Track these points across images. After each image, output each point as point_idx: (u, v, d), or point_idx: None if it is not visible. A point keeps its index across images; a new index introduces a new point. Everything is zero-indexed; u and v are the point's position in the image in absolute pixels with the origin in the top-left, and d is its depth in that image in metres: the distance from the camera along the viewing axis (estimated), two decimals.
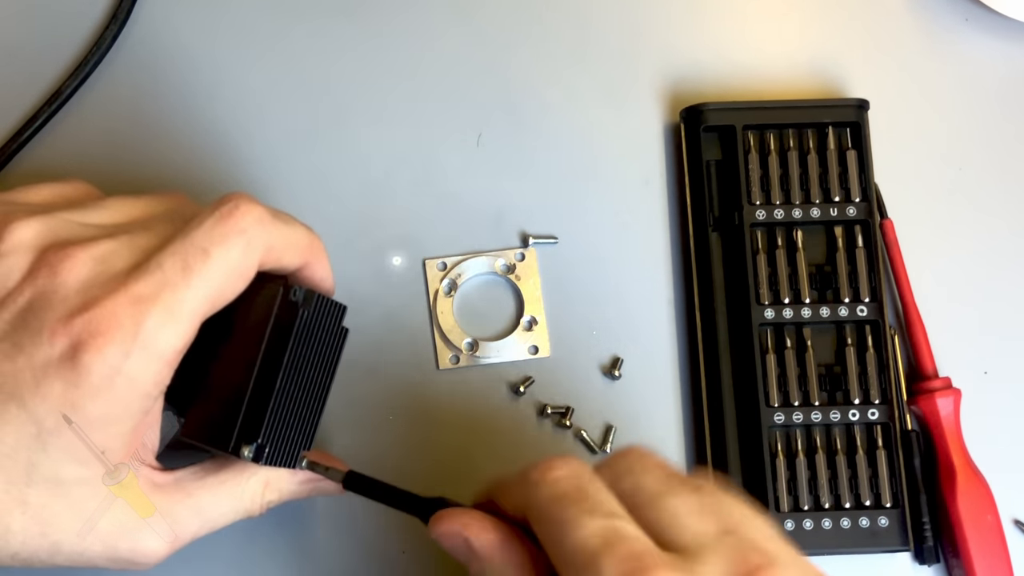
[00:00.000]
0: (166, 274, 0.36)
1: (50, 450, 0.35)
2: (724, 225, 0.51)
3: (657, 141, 0.53)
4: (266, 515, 0.41)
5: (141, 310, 0.35)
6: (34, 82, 0.51)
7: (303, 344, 0.39)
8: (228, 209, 0.37)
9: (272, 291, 0.38)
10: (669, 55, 0.54)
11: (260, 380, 0.38)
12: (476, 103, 0.53)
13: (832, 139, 0.51)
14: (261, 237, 0.38)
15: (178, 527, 0.39)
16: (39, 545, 0.36)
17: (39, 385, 0.35)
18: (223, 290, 0.37)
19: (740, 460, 0.48)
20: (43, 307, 0.36)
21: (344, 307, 0.41)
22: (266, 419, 0.38)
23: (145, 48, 0.52)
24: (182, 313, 0.36)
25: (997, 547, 0.47)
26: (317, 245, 0.40)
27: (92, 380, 0.35)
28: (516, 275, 0.50)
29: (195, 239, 0.37)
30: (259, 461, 0.38)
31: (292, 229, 0.39)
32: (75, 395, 0.35)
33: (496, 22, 0.54)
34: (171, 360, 0.36)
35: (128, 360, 0.35)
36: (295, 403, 0.40)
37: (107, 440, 0.36)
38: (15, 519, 0.36)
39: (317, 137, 0.52)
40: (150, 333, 0.35)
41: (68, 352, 0.35)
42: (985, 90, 0.55)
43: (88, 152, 0.51)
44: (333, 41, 0.53)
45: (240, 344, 0.38)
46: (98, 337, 0.35)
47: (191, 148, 0.51)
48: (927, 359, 0.50)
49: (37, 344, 0.35)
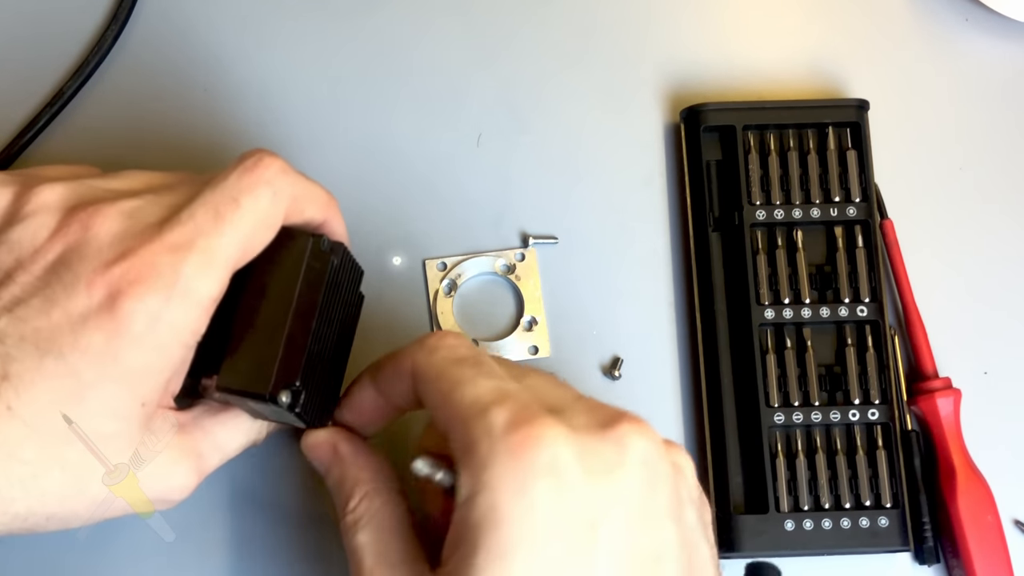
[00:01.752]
0: (198, 223, 0.36)
1: (89, 405, 0.35)
2: (724, 225, 0.51)
3: (657, 141, 0.53)
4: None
5: (179, 257, 0.36)
6: (35, 83, 0.51)
7: (334, 292, 0.40)
8: (253, 161, 0.38)
9: (303, 241, 0.39)
10: (669, 55, 0.54)
11: (295, 325, 0.38)
12: (476, 103, 0.53)
13: (832, 139, 0.51)
14: (286, 187, 0.38)
15: (202, 462, 0.40)
16: (78, 502, 0.36)
17: (78, 337, 0.35)
18: (254, 238, 0.38)
19: (740, 460, 0.48)
20: (76, 260, 0.36)
21: (362, 271, 0.43)
22: (303, 363, 0.38)
23: (146, 48, 0.52)
24: (217, 260, 0.36)
25: (997, 547, 0.47)
26: (335, 203, 0.42)
27: (133, 328, 0.35)
28: (516, 275, 0.50)
29: (224, 189, 0.37)
30: (294, 408, 0.38)
31: (313, 183, 0.40)
32: (117, 345, 0.35)
33: (496, 22, 0.54)
34: (208, 307, 0.37)
35: (168, 307, 0.35)
36: (326, 354, 0.40)
37: (146, 391, 0.36)
38: (53, 479, 0.35)
39: (317, 137, 0.52)
40: (189, 279, 0.36)
41: (107, 301, 0.35)
42: (985, 90, 0.55)
43: (90, 152, 0.51)
44: (333, 41, 0.53)
45: (272, 293, 0.39)
46: (138, 285, 0.35)
47: (192, 147, 0.51)
48: (927, 359, 0.50)
49: (73, 296, 0.35)
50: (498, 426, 0.34)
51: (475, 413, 0.34)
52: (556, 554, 0.33)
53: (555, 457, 0.33)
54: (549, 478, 0.33)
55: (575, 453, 0.34)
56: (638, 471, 0.35)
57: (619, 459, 0.34)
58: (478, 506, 0.33)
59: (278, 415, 0.40)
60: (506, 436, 0.34)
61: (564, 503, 0.33)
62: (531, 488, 0.33)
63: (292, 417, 0.39)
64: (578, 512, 0.33)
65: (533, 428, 0.34)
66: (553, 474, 0.33)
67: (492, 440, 0.34)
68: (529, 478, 0.33)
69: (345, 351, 0.42)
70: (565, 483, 0.33)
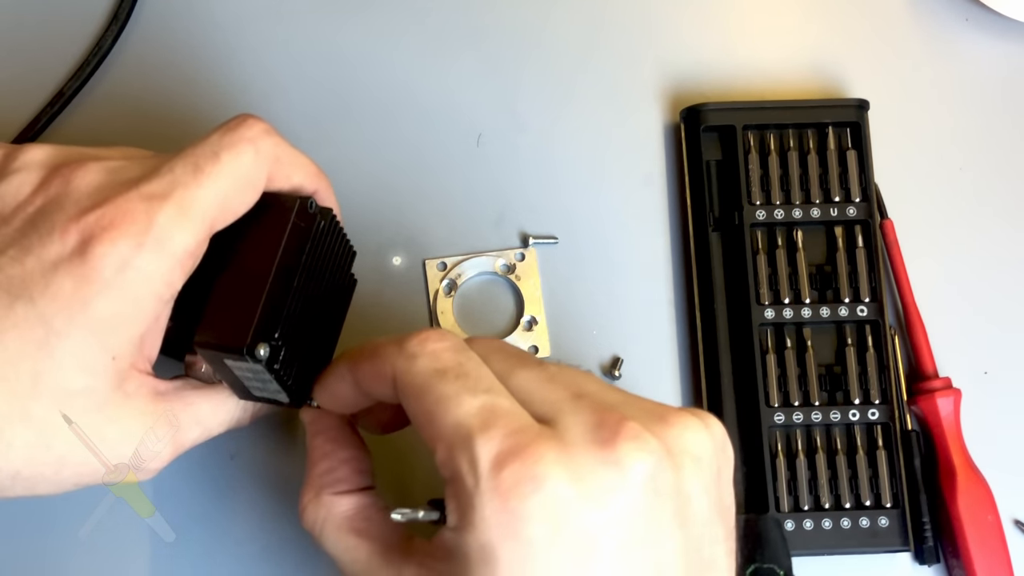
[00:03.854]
0: (176, 175, 0.36)
1: (57, 356, 0.35)
2: (724, 225, 0.51)
3: (657, 141, 0.53)
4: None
5: (153, 206, 0.35)
6: (36, 83, 0.51)
7: (320, 257, 0.39)
8: (236, 122, 0.38)
9: (290, 202, 0.38)
10: (669, 55, 0.54)
11: (276, 282, 0.37)
12: (476, 103, 0.53)
13: (832, 139, 0.51)
14: (269, 147, 0.38)
15: (180, 434, 0.39)
16: (44, 460, 0.35)
17: (48, 283, 0.34)
18: (233, 196, 0.37)
19: (740, 460, 0.48)
20: (54, 210, 0.36)
21: (355, 252, 0.42)
22: (283, 318, 0.37)
23: (146, 48, 0.52)
24: (194, 212, 0.36)
25: (997, 547, 0.47)
26: (324, 176, 0.41)
27: (103, 274, 0.34)
28: (516, 275, 0.50)
29: (206, 145, 0.37)
30: (273, 364, 0.37)
31: (299, 152, 0.40)
32: (86, 291, 0.34)
33: (496, 22, 0.54)
34: (183, 260, 0.36)
35: (140, 254, 0.35)
36: (310, 321, 0.39)
37: (117, 344, 0.36)
38: (17, 433, 0.35)
39: (317, 137, 0.52)
40: (163, 228, 0.35)
41: (78, 247, 0.34)
42: (985, 90, 0.55)
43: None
44: (334, 40, 0.53)
45: (255, 252, 0.38)
46: (110, 230, 0.35)
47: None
48: (927, 359, 0.50)
49: (47, 243, 0.35)
50: (484, 461, 0.32)
51: (459, 441, 0.32)
52: None
53: (548, 497, 0.31)
54: (543, 523, 0.31)
55: (569, 479, 0.32)
56: (638, 493, 0.32)
57: (618, 482, 0.32)
58: (467, 542, 0.32)
59: (260, 381, 0.39)
60: (494, 475, 0.31)
61: (559, 539, 0.31)
62: (523, 532, 0.31)
63: (274, 384, 0.38)
64: (574, 542, 0.32)
65: (523, 465, 0.31)
66: (547, 518, 0.31)
67: (478, 477, 0.32)
68: (522, 524, 0.31)
69: (334, 331, 0.41)
70: (560, 519, 0.31)
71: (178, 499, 0.46)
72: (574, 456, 0.32)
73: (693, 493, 0.34)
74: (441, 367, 0.35)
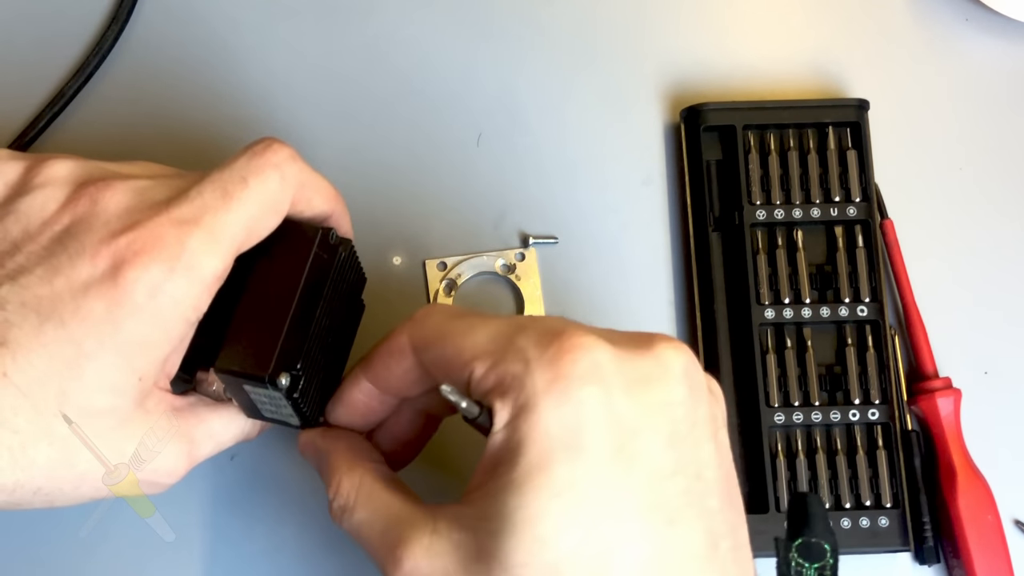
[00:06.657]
0: (206, 200, 0.36)
1: (86, 377, 0.35)
2: (724, 225, 0.51)
3: (657, 141, 0.53)
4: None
5: (185, 231, 0.36)
6: (37, 83, 0.51)
7: (338, 287, 0.40)
8: (263, 146, 0.38)
9: (312, 231, 0.39)
10: (669, 55, 0.54)
11: (298, 312, 0.38)
12: (476, 103, 0.53)
13: (832, 139, 0.51)
14: (294, 173, 0.38)
15: (194, 448, 0.39)
16: (65, 477, 0.36)
17: (79, 305, 0.35)
18: (260, 220, 0.38)
19: (740, 460, 0.48)
20: (83, 231, 0.36)
21: (365, 279, 0.43)
22: (305, 349, 0.38)
23: (146, 48, 0.52)
24: (223, 237, 0.36)
25: (997, 547, 0.47)
26: (341, 199, 0.42)
27: (135, 298, 0.35)
28: (516, 275, 0.50)
29: (233, 170, 0.37)
30: (293, 393, 0.38)
31: (320, 176, 0.40)
32: (117, 314, 0.35)
33: (496, 22, 0.54)
34: (211, 285, 0.36)
35: (171, 279, 0.35)
36: (325, 350, 0.40)
37: (144, 365, 0.36)
38: (41, 451, 0.35)
39: (318, 136, 0.52)
40: (193, 254, 0.35)
41: (110, 271, 0.35)
42: (985, 90, 0.55)
43: (92, 152, 0.50)
44: (334, 41, 0.53)
45: (277, 281, 0.38)
46: (142, 255, 0.35)
47: (193, 147, 0.51)
48: (927, 359, 0.50)
49: (77, 265, 0.35)
50: (530, 344, 0.33)
51: (501, 343, 0.34)
52: (598, 461, 0.32)
53: (596, 363, 0.33)
54: (592, 384, 0.32)
55: (615, 363, 0.33)
56: (680, 384, 0.34)
57: (660, 372, 0.34)
58: (517, 428, 0.32)
59: (275, 405, 0.39)
60: (541, 350, 0.33)
61: (607, 410, 0.32)
62: (575, 394, 0.32)
63: (288, 409, 0.39)
64: (621, 420, 0.33)
65: (569, 338, 0.33)
66: (596, 379, 0.33)
67: (527, 359, 0.33)
68: (573, 385, 0.32)
69: (343, 356, 0.42)
70: (608, 389, 0.33)
71: (178, 499, 0.46)
72: (617, 349, 0.34)
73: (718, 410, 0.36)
74: (457, 312, 0.37)
